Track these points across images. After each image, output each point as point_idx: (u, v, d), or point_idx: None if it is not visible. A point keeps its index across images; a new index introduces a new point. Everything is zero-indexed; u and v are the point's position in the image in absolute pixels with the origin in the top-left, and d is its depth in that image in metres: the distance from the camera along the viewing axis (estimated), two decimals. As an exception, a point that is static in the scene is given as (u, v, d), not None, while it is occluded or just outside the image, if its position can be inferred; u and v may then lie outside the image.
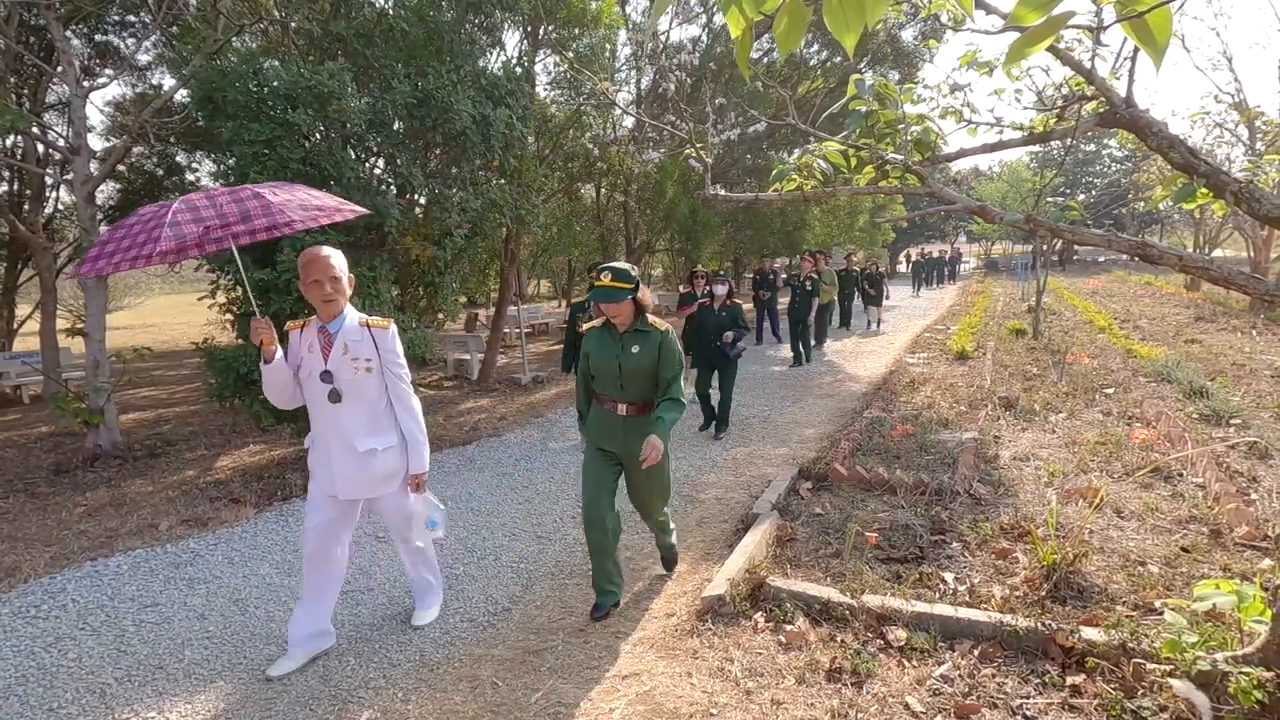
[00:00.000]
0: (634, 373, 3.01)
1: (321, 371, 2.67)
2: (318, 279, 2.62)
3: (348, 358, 2.68)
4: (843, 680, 2.54)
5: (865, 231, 23.02)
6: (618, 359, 3.01)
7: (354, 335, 2.71)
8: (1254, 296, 2.03)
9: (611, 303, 2.94)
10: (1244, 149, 14.86)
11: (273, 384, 2.66)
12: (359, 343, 2.71)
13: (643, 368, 3.00)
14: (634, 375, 3.01)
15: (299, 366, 2.72)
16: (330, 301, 2.65)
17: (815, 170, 2.94)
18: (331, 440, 2.73)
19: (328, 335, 2.70)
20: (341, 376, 2.67)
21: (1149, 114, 2.25)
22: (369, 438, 2.74)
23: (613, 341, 3.05)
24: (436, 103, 5.58)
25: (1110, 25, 1.31)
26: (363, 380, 2.71)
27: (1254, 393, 6.64)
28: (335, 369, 2.67)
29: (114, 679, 2.86)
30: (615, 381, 3.04)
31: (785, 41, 0.86)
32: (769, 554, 3.58)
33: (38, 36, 9.05)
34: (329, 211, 2.82)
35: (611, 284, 2.92)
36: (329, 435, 2.73)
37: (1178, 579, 3.10)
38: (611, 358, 3.03)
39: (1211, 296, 16.27)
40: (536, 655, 2.92)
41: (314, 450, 2.81)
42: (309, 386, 2.72)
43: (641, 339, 3.01)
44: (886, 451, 5.25)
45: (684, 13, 12.72)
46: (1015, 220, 2.39)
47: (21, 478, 5.97)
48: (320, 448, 2.78)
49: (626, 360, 3.00)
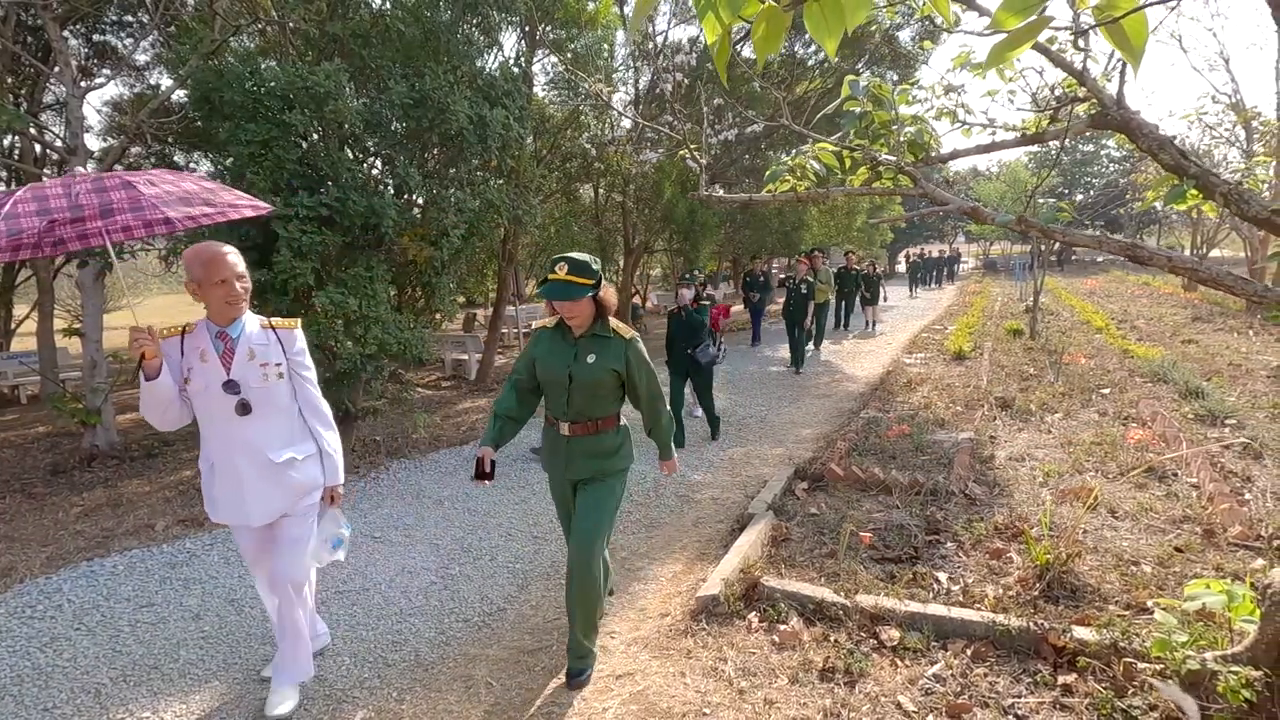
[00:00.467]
0: (586, 387, 2.57)
1: (224, 382, 2.35)
2: (225, 278, 2.32)
3: (255, 363, 2.39)
4: (835, 680, 2.55)
5: (863, 232, 23.04)
6: (568, 368, 2.58)
7: (259, 339, 2.42)
8: (1242, 297, 2.04)
9: (566, 300, 2.49)
10: (1240, 150, 14.89)
11: (155, 403, 2.30)
12: (265, 346, 2.43)
13: (598, 381, 2.57)
14: (585, 390, 2.58)
15: (186, 380, 2.36)
16: (236, 303, 2.37)
17: (809, 171, 2.95)
18: (239, 459, 2.41)
19: (228, 340, 2.39)
20: (250, 385, 2.37)
21: (1140, 115, 2.26)
22: (284, 448, 2.46)
23: (565, 347, 2.61)
24: (433, 103, 5.58)
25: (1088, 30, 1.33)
26: (273, 387, 2.43)
27: (1249, 393, 6.66)
28: (241, 377, 2.37)
29: (109, 679, 2.87)
30: (561, 395, 2.61)
31: (764, 47, 0.87)
32: (764, 554, 3.59)
33: (35, 36, 9.04)
34: (220, 209, 2.52)
35: (567, 278, 2.47)
36: (235, 454, 2.41)
37: (1170, 579, 3.12)
38: (561, 367, 2.59)
39: (1208, 297, 16.30)
40: (531, 655, 2.93)
41: (216, 477, 2.45)
42: (205, 401, 2.37)
43: (600, 346, 2.58)
44: (883, 452, 5.27)
45: (681, 13, 12.71)
46: (1007, 221, 2.40)
47: (18, 478, 5.97)
48: (225, 472, 2.43)
49: (580, 371, 2.57)
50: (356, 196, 5.24)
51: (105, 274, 6.33)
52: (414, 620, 3.27)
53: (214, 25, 6.08)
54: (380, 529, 4.44)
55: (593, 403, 2.61)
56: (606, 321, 2.63)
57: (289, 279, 4.97)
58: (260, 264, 5.09)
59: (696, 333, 5.92)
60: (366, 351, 5.31)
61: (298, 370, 2.51)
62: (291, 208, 4.97)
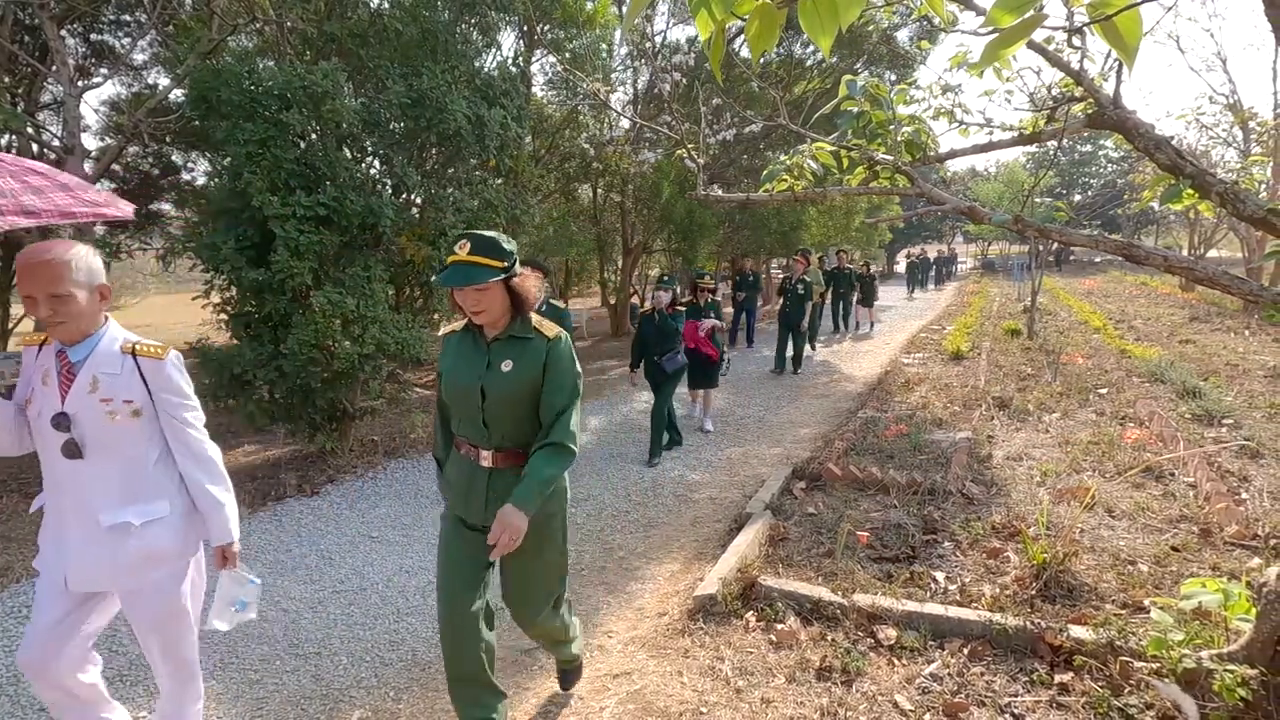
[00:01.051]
0: (504, 402, 2.02)
1: (55, 414, 1.82)
2: (31, 295, 1.77)
3: (96, 397, 1.84)
4: (832, 679, 2.55)
5: (861, 231, 23.06)
6: (480, 380, 2.02)
7: (108, 366, 1.87)
8: (1238, 297, 2.04)
9: (469, 287, 1.93)
10: (1237, 150, 14.92)
11: None
12: (115, 377, 1.87)
13: (518, 395, 2.02)
14: (504, 405, 2.03)
15: (28, 400, 1.89)
16: (58, 324, 1.81)
17: (806, 171, 2.96)
18: (66, 509, 1.89)
19: (67, 363, 1.85)
20: (84, 422, 1.84)
21: (1136, 115, 2.26)
22: (122, 508, 1.88)
23: (475, 354, 2.07)
24: (431, 103, 5.59)
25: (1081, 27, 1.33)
26: (119, 430, 1.87)
27: (1246, 393, 6.67)
28: (76, 411, 1.83)
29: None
30: (476, 414, 2.04)
31: (758, 44, 0.87)
32: (761, 553, 3.59)
33: (32, 36, 9.03)
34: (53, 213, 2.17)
35: (470, 258, 1.92)
36: (62, 501, 1.89)
37: (1167, 578, 3.12)
38: (472, 378, 2.03)
39: (1206, 297, 16.32)
40: (529, 654, 2.93)
41: (45, 520, 1.95)
42: (38, 431, 1.87)
43: (518, 351, 2.04)
44: (880, 451, 5.27)
45: (679, 13, 12.73)
46: (1003, 221, 2.40)
47: (15, 477, 5.96)
48: (52, 518, 1.92)
49: (494, 382, 2.01)
50: (354, 196, 5.24)
51: (102, 273, 6.31)
52: (411, 620, 3.27)
53: (212, 25, 6.08)
54: (378, 529, 4.43)
55: (518, 424, 2.07)
56: (527, 318, 2.08)
57: (287, 278, 4.97)
58: (258, 263, 5.09)
59: (670, 339, 5.61)
60: (364, 351, 5.31)
61: (171, 411, 1.94)
62: (289, 207, 4.97)
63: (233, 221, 5.17)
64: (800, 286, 9.20)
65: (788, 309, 9.30)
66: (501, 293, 2.00)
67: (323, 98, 5.09)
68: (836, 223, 20.90)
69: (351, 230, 5.36)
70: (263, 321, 5.31)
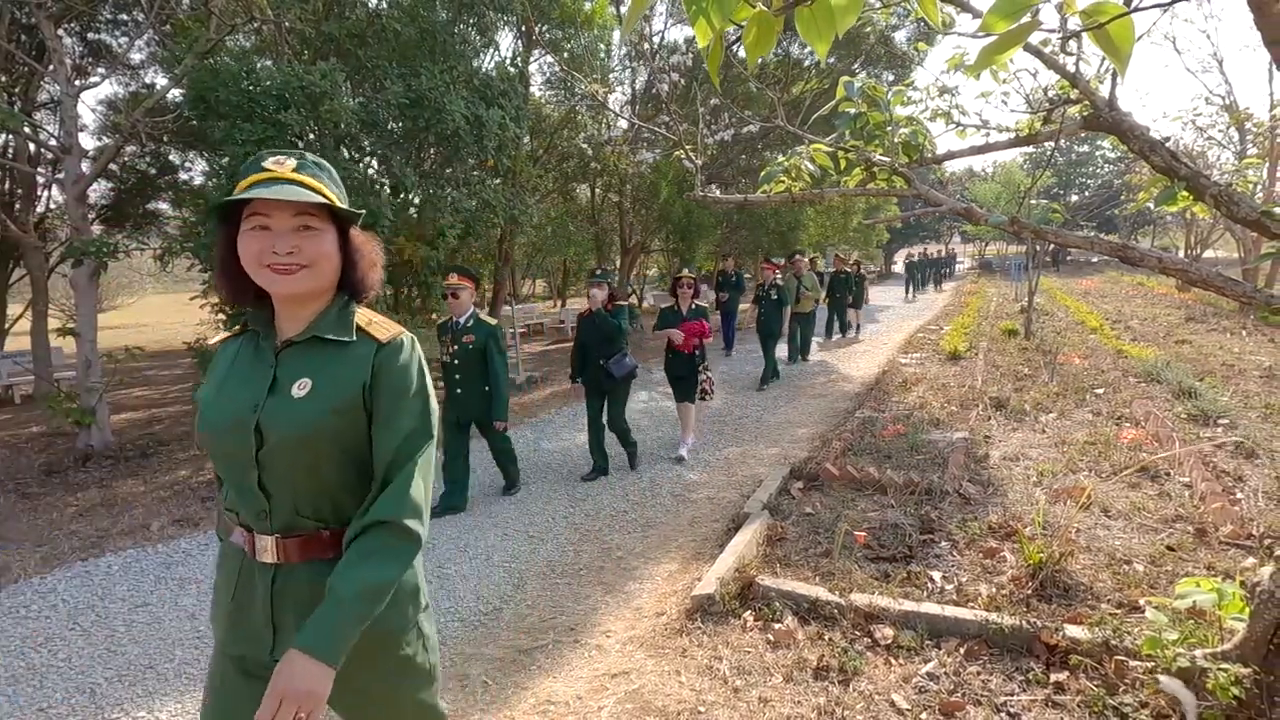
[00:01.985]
0: (295, 448, 1.21)
1: None
2: None
3: None
4: (830, 678, 2.56)
5: (859, 232, 23.11)
6: (255, 411, 1.21)
7: None
8: (1232, 298, 2.06)
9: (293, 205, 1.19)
10: (1233, 152, 14.97)
11: None
12: None
13: (319, 435, 1.21)
14: (295, 454, 1.21)
15: None
16: None
17: (804, 172, 2.96)
18: None
19: None
20: None
21: (1132, 117, 2.27)
22: None
23: (254, 369, 1.28)
24: (429, 103, 5.59)
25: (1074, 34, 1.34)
26: None
27: (1242, 393, 6.69)
28: None
29: (104, 679, 2.86)
30: (248, 472, 1.22)
31: (755, 51, 0.88)
32: (759, 553, 3.60)
33: (29, 35, 9.01)
34: None
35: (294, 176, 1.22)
36: None
37: (1162, 577, 3.14)
38: (242, 408, 1.23)
39: (1202, 297, 16.37)
40: (527, 654, 2.93)
41: None
42: None
43: (322, 362, 1.26)
44: (878, 451, 5.28)
45: (677, 14, 12.74)
46: (1000, 222, 2.41)
47: (12, 478, 5.95)
48: None
49: (278, 415, 1.21)
50: (352, 196, 5.25)
51: (100, 273, 6.32)
52: (410, 620, 3.27)
53: (210, 24, 6.07)
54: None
55: (321, 488, 1.23)
56: (348, 310, 1.30)
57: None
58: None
59: (611, 340, 5.12)
60: (362, 351, 5.31)
61: None
62: (287, 207, 4.96)
63: None
64: (774, 292, 8.59)
65: (762, 317, 8.69)
66: (333, 247, 1.25)
67: (321, 98, 5.10)
68: (834, 223, 20.94)
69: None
70: (261, 321, 5.30)
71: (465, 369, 4.54)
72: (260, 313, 1.31)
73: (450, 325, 4.63)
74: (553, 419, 7.45)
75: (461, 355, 4.53)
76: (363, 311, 1.34)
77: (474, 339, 4.51)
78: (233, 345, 1.35)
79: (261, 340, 1.30)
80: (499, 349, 4.54)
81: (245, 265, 1.21)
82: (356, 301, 1.33)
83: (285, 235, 1.19)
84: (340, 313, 1.29)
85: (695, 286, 5.77)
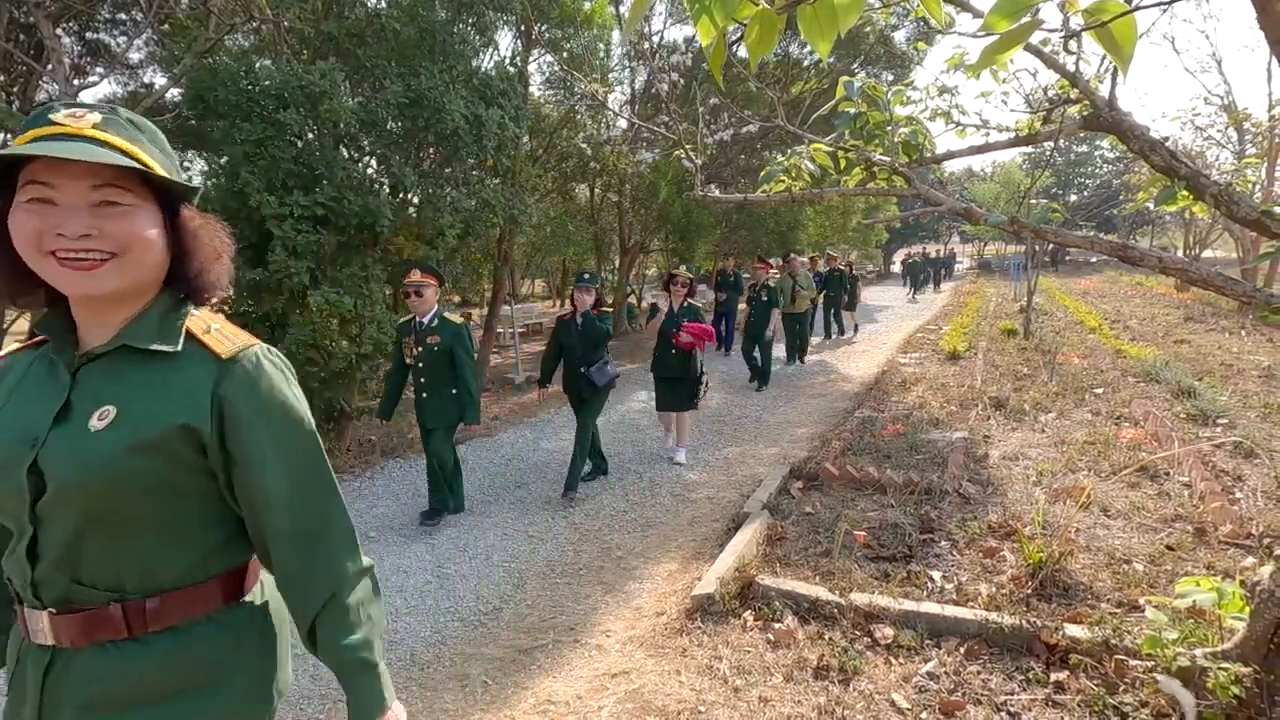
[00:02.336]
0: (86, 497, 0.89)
1: None
2: None
3: None
4: (830, 678, 2.56)
5: (859, 232, 23.10)
6: (34, 447, 0.90)
7: None
8: (1231, 298, 2.06)
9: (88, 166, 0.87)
10: (1232, 152, 14.99)
11: None
12: None
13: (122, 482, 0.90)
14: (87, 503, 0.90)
15: None
16: None
17: (804, 171, 2.96)
18: None
19: None
20: None
21: (1131, 117, 2.27)
22: None
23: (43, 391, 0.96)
24: (429, 103, 5.59)
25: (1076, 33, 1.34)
26: None
27: (1241, 392, 6.70)
28: None
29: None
30: (20, 526, 0.92)
31: (757, 50, 0.88)
32: (759, 553, 3.60)
33: (27, 34, 9.00)
34: None
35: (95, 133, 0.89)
36: None
37: (1162, 576, 3.14)
38: (17, 443, 0.91)
39: (1201, 297, 16.38)
40: (527, 654, 2.93)
41: None
42: None
43: (136, 383, 0.95)
44: (877, 451, 5.29)
45: (677, 13, 12.73)
46: (999, 222, 2.41)
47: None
48: None
49: (64, 452, 0.90)
50: (352, 196, 5.24)
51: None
52: (409, 619, 3.27)
53: (209, 24, 6.06)
54: (375, 528, 4.44)
55: (116, 548, 0.94)
56: (175, 311, 1.02)
57: (284, 278, 4.97)
58: (255, 263, 5.08)
59: (596, 346, 4.86)
60: (362, 351, 5.31)
61: None
62: (286, 207, 4.97)
63: (230, 221, 5.15)
64: (764, 294, 8.46)
65: (752, 318, 8.54)
66: (153, 230, 0.94)
67: (320, 97, 5.09)
68: (834, 223, 20.94)
69: (349, 230, 5.36)
70: (260, 321, 5.31)
71: (431, 372, 4.19)
72: (54, 319, 0.97)
73: (413, 326, 4.23)
74: (552, 419, 7.44)
75: (427, 358, 4.17)
76: (199, 316, 1.02)
77: (439, 340, 4.15)
78: (24, 360, 1.02)
79: (55, 357, 0.96)
80: (466, 350, 4.21)
81: (21, 252, 0.88)
82: (195, 304, 1.04)
83: (77, 212, 0.86)
84: (164, 315, 0.98)
85: (690, 285, 5.59)
